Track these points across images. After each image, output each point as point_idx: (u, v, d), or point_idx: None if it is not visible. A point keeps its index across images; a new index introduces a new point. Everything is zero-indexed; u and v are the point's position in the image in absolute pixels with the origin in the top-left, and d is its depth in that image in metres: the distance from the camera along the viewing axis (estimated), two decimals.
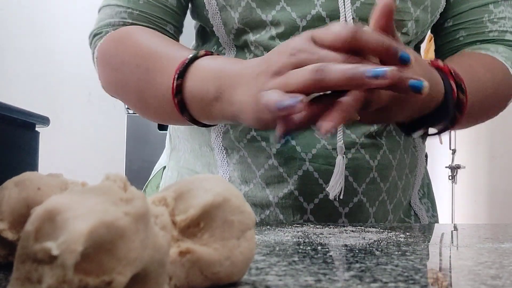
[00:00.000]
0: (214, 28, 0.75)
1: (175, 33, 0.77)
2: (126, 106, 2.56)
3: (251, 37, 0.73)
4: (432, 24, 0.80)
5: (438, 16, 0.79)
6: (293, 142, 0.72)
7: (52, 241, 0.21)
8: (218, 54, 0.64)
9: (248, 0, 0.71)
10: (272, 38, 0.71)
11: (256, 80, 0.53)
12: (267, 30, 0.72)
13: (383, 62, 0.50)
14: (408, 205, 0.82)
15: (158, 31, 0.74)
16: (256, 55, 0.72)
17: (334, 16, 0.70)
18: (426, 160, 0.87)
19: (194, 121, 0.64)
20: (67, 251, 0.21)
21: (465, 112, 0.63)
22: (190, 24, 0.84)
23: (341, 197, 0.71)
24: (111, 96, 0.77)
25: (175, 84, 0.61)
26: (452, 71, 0.62)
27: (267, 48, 0.71)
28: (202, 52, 0.62)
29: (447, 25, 0.82)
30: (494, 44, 0.78)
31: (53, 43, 3.32)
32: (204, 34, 0.81)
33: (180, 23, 0.78)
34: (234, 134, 0.75)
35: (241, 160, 0.75)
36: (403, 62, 0.49)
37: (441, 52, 0.84)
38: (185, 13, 0.79)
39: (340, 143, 0.70)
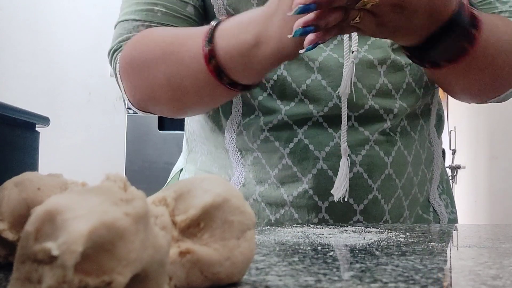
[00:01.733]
0: None
1: None
2: (126, 106, 2.56)
3: None
4: None
5: None
6: (306, 141, 0.72)
7: (52, 242, 0.21)
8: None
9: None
10: None
11: (280, 7, 0.54)
12: None
13: None
14: (427, 201, 0.82)
15: None
16: None
17: None
18: (444, 156, 0.86)
19: (234, 85, 0.62)
20: (67, 251, 0.21)
21: (481, 29, 0.59)
22: None
23: (346, 199, 0.71)
24: (142, 110, 0.74)
25: (207, 50, 0.60)
26: None
27: None
28: (223, 17, 0.62)
29: None
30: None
31: (53, 43, 3.32)
32: None
33: None
34: (247, 135, 0.75)
35: (255, 161, 0.75)
36: None
37: None
38: (202, 20, 0.76)
39: (344, 145, 0.70)
